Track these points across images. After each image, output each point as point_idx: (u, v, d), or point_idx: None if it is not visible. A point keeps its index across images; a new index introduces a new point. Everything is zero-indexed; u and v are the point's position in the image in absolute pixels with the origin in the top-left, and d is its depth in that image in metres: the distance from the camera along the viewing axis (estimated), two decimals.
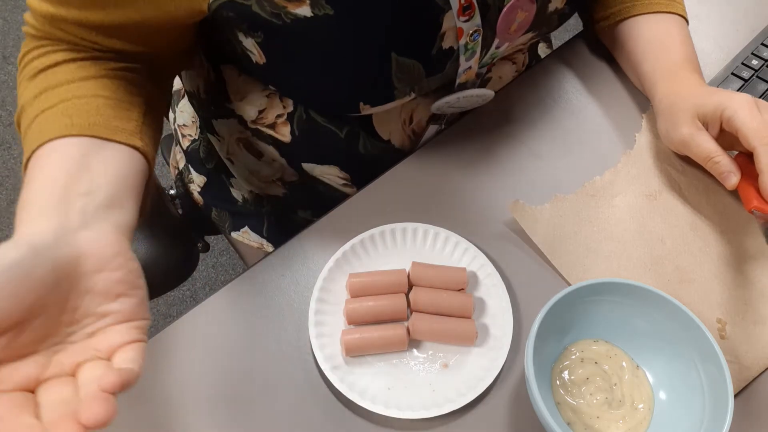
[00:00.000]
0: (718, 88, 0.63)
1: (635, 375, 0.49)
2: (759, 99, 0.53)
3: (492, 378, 0.49)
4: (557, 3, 0.57)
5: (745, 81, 0.66)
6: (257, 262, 0.56)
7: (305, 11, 0.46)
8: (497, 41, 0.54)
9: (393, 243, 0.56)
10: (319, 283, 0.53)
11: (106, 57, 0.48)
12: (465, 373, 0.50)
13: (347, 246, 0.55)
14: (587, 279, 0.52)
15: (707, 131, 0.54)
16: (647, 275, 0.54)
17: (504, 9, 0.51)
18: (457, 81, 0.56)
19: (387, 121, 0.61)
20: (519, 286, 0.54)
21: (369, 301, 0.51)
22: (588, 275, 0.54)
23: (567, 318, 0.48)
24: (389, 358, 0.51)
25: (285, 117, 0.61)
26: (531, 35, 0.59)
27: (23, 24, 0.49)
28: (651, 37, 0.62)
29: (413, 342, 0.51)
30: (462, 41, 0.51)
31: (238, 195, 0.79)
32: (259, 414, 0.49)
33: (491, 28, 0.53)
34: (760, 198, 0.50)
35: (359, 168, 0.65)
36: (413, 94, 0.54)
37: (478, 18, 0.50)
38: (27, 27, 0.49)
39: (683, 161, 0.59)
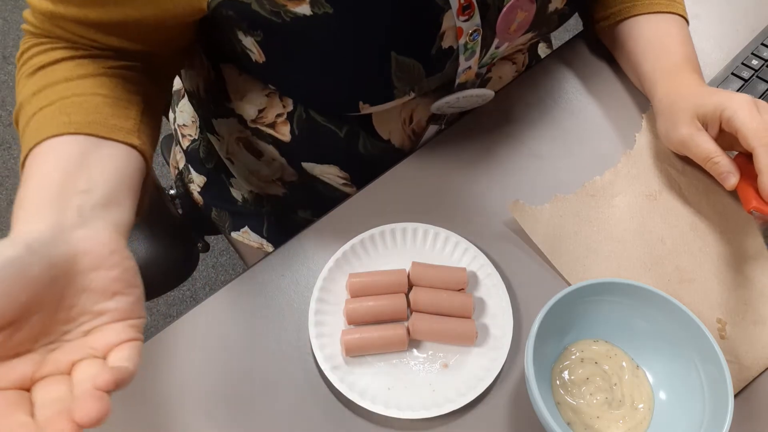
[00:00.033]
0: (717, 88, 0.63)
1: (635, 375, 0.49)
2: (758, 99, 0.53)
3: (492, 378, 0.49)
4: (557, 3, 0.57)
5: (745, 81, 0.66)
6: (257, 262, 0.56)
7: (305, 10, 0.46)
8: (497, 41, 0.54)
9: (393, 243, 0.56)
10: (319, 283, 0.53)
11: (104, 55, 0.48)
12: (465, 373, 0.50)
13: (347, 246, 0.55)
14: (587, 279, 0.52)
15: (707, 131, 0.54)
16: (647, 275, 0.54)
17: (504, 9, 0.51)
18: (457, 81, 0.56)
19: (387, 121, 0.61)
20: (519, 286, 0.54)
21: (369, 301, 0.51)
22: (588, 275, 0.54)
23: (567, 318, 0.48)
24: (389, 358, 0.51)
25: (285, 116, 0.61)
26: (531, 35, 0.59)
27: (23, 22, 0.49)
28: (651, 37, 0.62)
29: (413, 342, 0.51)
30: (461, 41, 0.51)
31: (238, 195, 0.79)
32: (259, 414, 0.49)
33: (491, 27, 0.53)
34: (759, 198, 0.50)
35: (359, 167, 0.65)
36: (413, 93, 0.54)
37: (477, 18, 0.50)
38: (26, 24, 0.49)
39: (683, 161, 0.59)
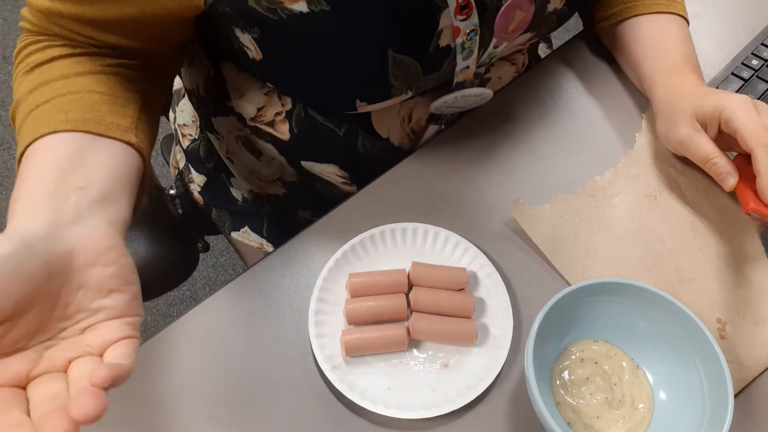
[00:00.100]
0: (717, 88, 0.63)
1: (635, 375, 0.49)
2: (757, 101, 0.53)
3: (492, 378, 0.49)
4: (556, 3, 0.56)
5: (745, 81, 0.66)
6: (257, 262, 0.56)
7: (301, 7, 0.46)
8: (495, 41, 0.54)
9: (393, 243, 0.56)
10: (319, 283, 0.53)
11: (102, 53, 0.48)
12: (465, 373, 0.50)
13: (347, 246, 0.55)
14: (587, 279, 0.52)
15: (705, 132, 0.54)
16: (647, 275, 0.54)
17: (502, 8, 0.51)
18: (455, 80, 0.56)
19: (386, 120, 0.61)
20: (519, 286, 0.54)
21: (369, 301, 0.51)
22: (588, 275, 0.54)
23: (567, 318, 0.48)
24: (389, 358, 0.51)
25: (284, 115, 0.61)
26: (530, 35, 0.59)
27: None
28: (651, 38, 0.62)
29: (413, 342, 0.51)
30: (459, 40, 0.51)
31: (238, 195, 0.79)
32: (259, 414, 0.49)
33: (489, 27, 0.53)
34: (757, 200, 0.50)
35: (358, 166, 0.65)
36: (410, 92, 0.54)
37: (475, 17, 0.50)
38: (24, 22, 0.49)
39: (683, 161, 0.59)
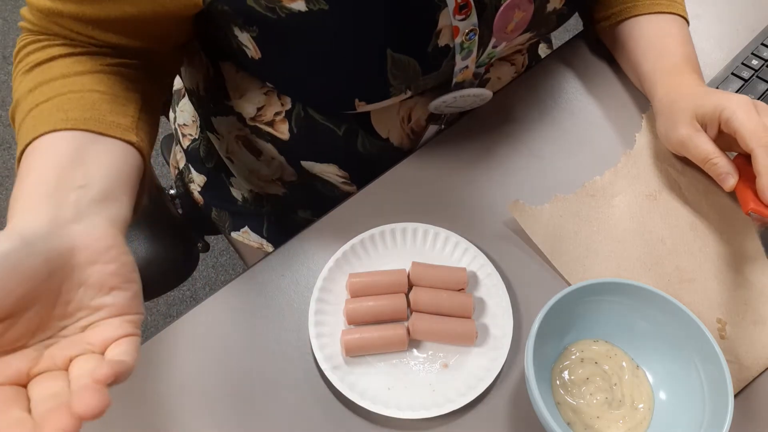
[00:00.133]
0: (717, 88, 0.63)
1: (635, 375, 0.49)
2: (757, 101, 0.53)
3: (492, 378, 0.49)
4: (555, 3, 0.56)
5: (745, 81, 0.66)
6: (257, 262, 0.56)
7: (300, 6, 0.46)
8: (494, 40, 0.54)
9: (393, 243, 0.56)
10: (319, 283, 0.53)
11: (102, 52, 0.48)
12: (465, 373, 0.50)
13: (347, 246, 0.55)
14: (587, 279, 0.52)
15: (705, 132, 0.54)
16: (647, 275, 0.54)
17: (500, 8, 0.51)
18: (454, 80, 0.56)
19: (385, 120, 0.61)
20: (519, 286, 0.54)
21: (369, 301, 0.51)
22: (588, 275, 0.54)
23: (567, 318, 0.48)
24: (389, 358, 0.51)
25: (283, 114, 0.61)
26: (529, 35, 0.59)
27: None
28: (651, 38, 0.62)
29: (413, 342, 0.51)
30: (458, 40, 0.51)
31: (238, 195, 0.79)
32: (259, 414, 0.49)
33: (488, 27, 0.53)
34: (757, 200, 0.50)
35: (358, 166, 0.65)
36: (409, 92, 0.54)
37: (474, 17, 0.50)
38: (24, 22, 0.49)
39: (683, 161, 0.59)
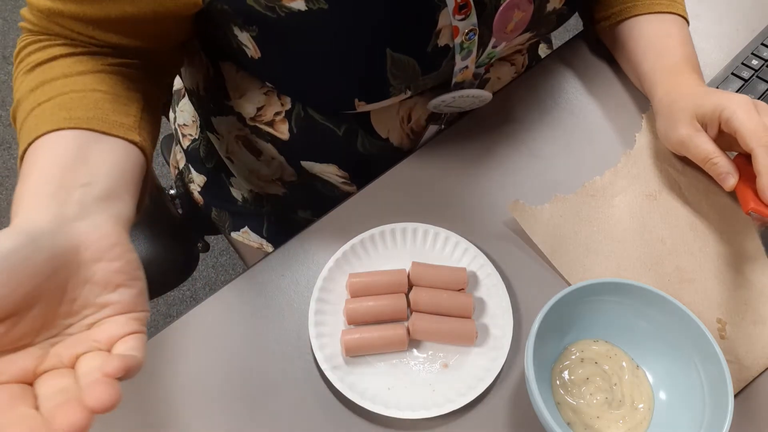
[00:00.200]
0: (717, 88, 0.63)
1: (635, 375, 0.49)
2: (758, 100, 0.53)
3: (492, 378, 0.49)
4: (555, 3, 0.56)
5: (745, 81, 0.66)
6: (257, 262, 0.56)
7: (299, 5, 0.46)
8: (494, 40, 0.54)
9: (393, 243, 0.56)
10: (319, 283, 0.53)
11: (103, 52, 0.48)
12: (465, 373, 0.50)
13: (347, 246, 0.55)
14: (587, 279, 0.52)
15: (706, 132, 0.54)
16: (647, 275, 0.54)
17: (500, 8, 0.51)
18: (454, 80, 0.56)
19: (385, 120, 0.61)
20: (519, 286, 0.54)
21: (369, 301, 0.51)
22: (588, 275, 0.54)
23: (567, 318, 0.48)
24: (389, 358, 0.51)
25: (283, 114, 0.61)
26: (529, 35, 0.59)
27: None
28: (651, 37, 0.62)
29: (413, 342, 0.51)
30: (457, 40, 0.51)
31: (238, 195, 0.79)
32: (259, 414, 0.49)
33: (488, 26, 0.53)
34: (757, 200, 0.50)
35: (358, 166, 0.65)
36: (409, 91, 0.54)
37: (474, 17, 0.50)
38: (24, 22, 0.49)
39: (683, 161, 0.59)
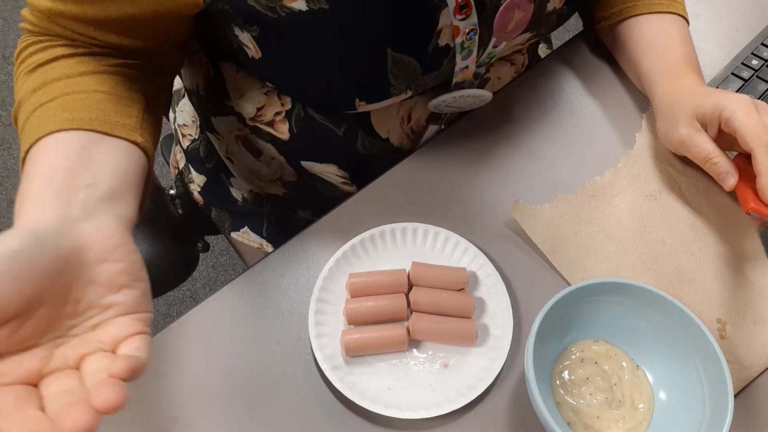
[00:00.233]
0: (717, 88, 0.63)
1: (635, 375, 0.49)
2: (758, 100, 0.53)
3: (492, 378, 0.49)
4: (555, 3, 0.56)
5: (745, 81, 0.66)
6: (257, 262, 0.56)
7: (300, 5, 0.46)
8: (494, 40, 0.54)
9: (393, 243, 0.56)
10: (319, 283, 0.53)
11: (104, 53, 0.48)
12: (465, 373, 0.50)
13: (347, 246, 0.55)
14: (587, 279, 0.52)
15: (706, 132, 0.54)
16: (647, 275, 0.54)
17: (500, 8, 0.51)
18: (454, 80, 0.56)
19: (385, 120, 0.61)
20: (519, 286, 0.54)
21: (369, 301, 0.51)
22: (588, 275, 0.54)
23: (567, 318, 0.48)
24: (389, 358, 0.51)
25: (283, 114, 0.61)
26: (529, 35, 0.59)
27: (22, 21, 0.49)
28: (651, 37, 0.62)
29: (413, 342, 0.51)
30: (458, 40, 0.51)
31: (237, 195, 0.79)
32: (259, 414, 0.49)
33: (488, 26, 0.53)
34: (757, 200, 0.50)
35: (358, 166, 0.65)
36: (409, 91, 0.54)
37: (474, 17, 0.50)
38: (25, 23, 0.49)
39: (683, 161, 0.59)
